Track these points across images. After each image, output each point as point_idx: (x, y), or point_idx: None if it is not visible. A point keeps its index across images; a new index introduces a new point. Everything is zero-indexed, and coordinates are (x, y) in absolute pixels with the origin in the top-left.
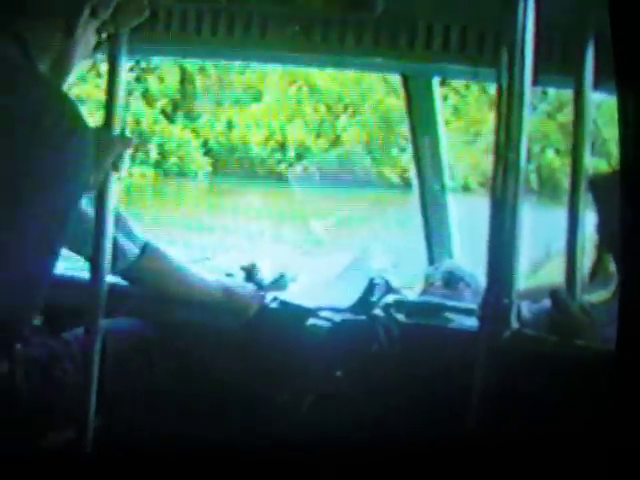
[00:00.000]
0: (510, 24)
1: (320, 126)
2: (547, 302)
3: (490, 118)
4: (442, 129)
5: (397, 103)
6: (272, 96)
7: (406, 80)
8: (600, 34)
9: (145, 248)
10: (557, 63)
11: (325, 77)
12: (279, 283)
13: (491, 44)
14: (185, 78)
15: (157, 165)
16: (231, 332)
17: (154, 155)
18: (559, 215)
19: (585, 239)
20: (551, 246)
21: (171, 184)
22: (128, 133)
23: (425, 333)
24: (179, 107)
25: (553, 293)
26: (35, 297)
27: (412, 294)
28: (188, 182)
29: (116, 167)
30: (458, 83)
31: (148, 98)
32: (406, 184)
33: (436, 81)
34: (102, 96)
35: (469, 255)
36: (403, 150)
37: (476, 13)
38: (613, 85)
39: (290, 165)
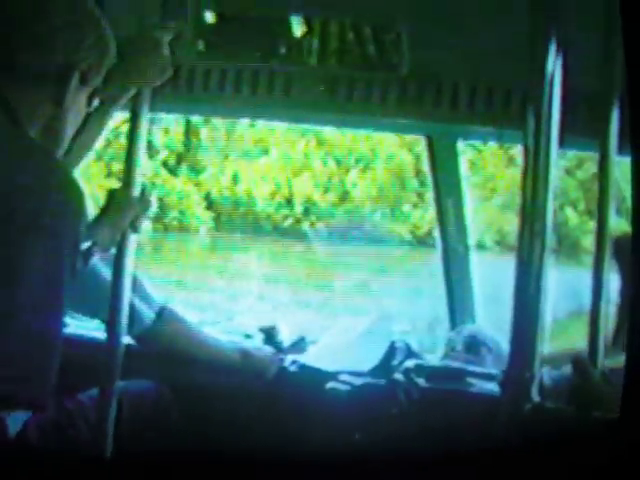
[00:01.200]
0: (537, 86)
1: (329, 181)
2: (568, 369)
3: (506, 174)
4: (466, 190)
5: (408, 158)
6: (279, 150)
7: (430, 141)
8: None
9: (162, 311)
10: (582, 125)
11: (334, 131)
12: (299, 346)
13: (517, 105)
14: (190, 130)
15: (157, 220)
16: (249, 395)
17: (154, 209)
18: (578, 275)
19: (609, 303)
20: (572, 307)
21: (171, 239)
22: (148, 194)
23: (445, 397)
24: (183, 160)
25: (575, 360)
26: (49, 362)
27: (433, 358)
28: (190, 237)
29: (134, 228)
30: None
31: (150, 150)
32: (418, 241)
33: (460, 143)
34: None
35: (492, 317)
36: (415, 206)
37: (502, 74)
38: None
39: (297, 221)
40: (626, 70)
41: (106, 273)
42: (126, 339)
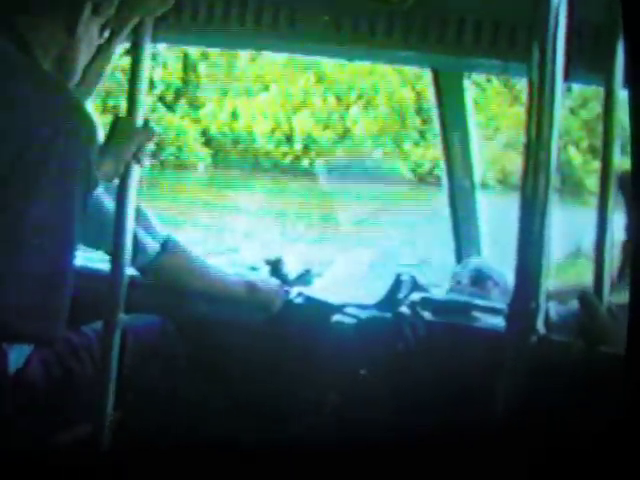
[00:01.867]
0: (542, 18)
1: (329, 117)
2: (575, 304)
3: (510, 113)
4: (472, 125)
5: (410, 95)
6: (279, 86)
7: (436, 74)
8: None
9: (166, 243)
10: (587, 59)
11: (335, 67)
12: (304, 278)
13: (523, 38)
14: (188, 65)
15: (153, 156)
16: (255, 327)
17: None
18: (581, 213)
19: (613, 240)
20: (576, 245)
21: (169, 176)
22: (151, 125)
23: (451, 332)
24: (181, 95)
25: (582, 296)
26: (62, 297)
27: (439, 292)
28: (188, 174)
29: (138, 159)
30: (479, 76)
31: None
32: (419, 179)
33: (467, 78)
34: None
35: (496, 253)
36: (416, 144)
37: (508, 7)
38: None
39: (296, 158)
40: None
41: (109, 204)
42: (130, 271)
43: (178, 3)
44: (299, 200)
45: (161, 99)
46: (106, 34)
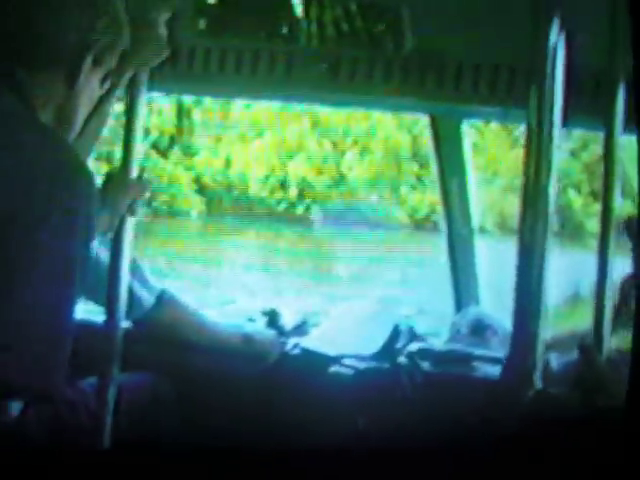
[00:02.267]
0: (540, 62)
1: (324, 163)
2: (574, 354)
3: (509, 156)
4: (471, 171)
5: (406, 140)
6: (274, 132)
7: (434, 121)
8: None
9: (161, 296)
10: (586, 103)
11: (330, 112)
12: (301, 329)
13: (522, 85)
14: (182, 112)
15: (146, 204)
16: (250, 381)
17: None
18: (581, 257)
19: (614, 286)
20: (575, 289)
21: (161, 224)
22: (146, 177)
23: (450, 382)
24: (175, 142)
25: (582, 346)
26: (63, 351)
27: (438, 342)
28: (180, 222)
29: (132, 211)
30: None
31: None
32: (416, 225)
33: (465, 123)
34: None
35: (495, 299)
36: (413, 189)
37: (507, 52)
38: None
39: (292, 205)
40: (633, 50)
41: (104, 257)
42: (125, 324)
43: (174, 52)
44: (295, 247)
45: (154, 146)
46: (106, 86)
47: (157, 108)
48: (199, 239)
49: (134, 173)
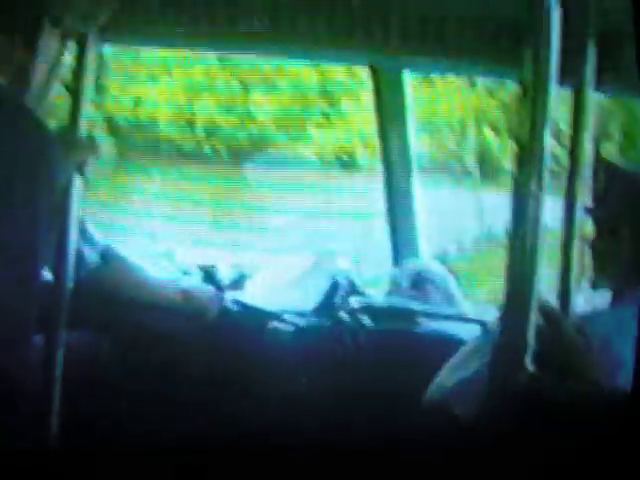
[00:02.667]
0: (537, 19)
1: (232, 100)
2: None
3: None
4: (412, 121)
5: (315, 77)
6: (182, 71)
7: (374, 72)
8: (601, 33)
9: (105, 254)
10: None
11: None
12: (239, 283)
13: (470, 37)
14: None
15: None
16: (191, 336)
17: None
18: (497, 198)
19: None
20: (489, 230)
21: None
22: (96, 135)
23: (393, 338)
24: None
25: (543, 310)
26: (29, 309)
27: (377, 295)
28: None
29: (81, 171)
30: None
31: None
32: (324, 163)
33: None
34: None
35: (435, 250)
36: (320, 127)
37: (456, 4)
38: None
39: (198, 143)
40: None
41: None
42: (72, 284)
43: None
44: (212, 189)
45: (66, 87)
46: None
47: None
48: (114, 185)
49: (82, 131)
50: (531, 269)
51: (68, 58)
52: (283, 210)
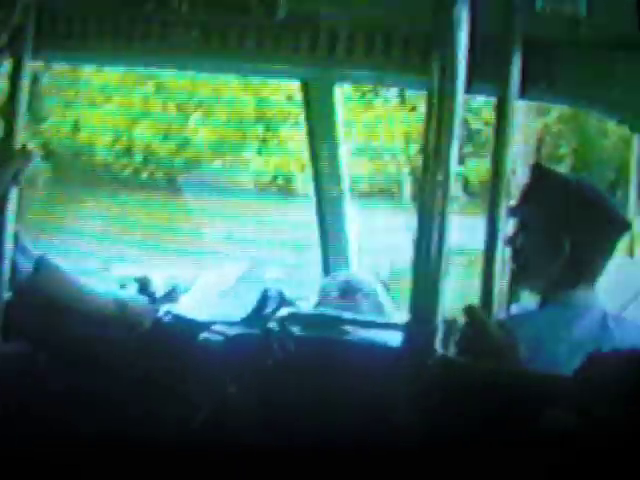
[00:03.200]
0: (442, 29)
1: (169, 127)
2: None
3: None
4: (341, 135)
5: (252, 100)
6: (120, 95)
7: (305, 85)
8: (526, 42)
9: (40, 262)
10: (482, 70)
11: (174, 75)
12: (171, 296)
13: (399, 49)
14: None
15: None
16: (125, 346)
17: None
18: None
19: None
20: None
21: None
22: (30, 145)
23: (321, 346)
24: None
25: (468, 310)
26: None
27: (307, 305)
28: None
29: (17, 181)
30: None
31: None
32: (261, 190)
33: (337, 87)
34: None
35: (367, 265)
36: (260, 152)
37: (382, 18)
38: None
39: (136, 170)
40: None
41: None
42: (7, 294)
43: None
44: (152, 215)
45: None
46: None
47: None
48: (50, 207)
49: (18, 142)
50: (439, 250)
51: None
52: (216, 235)
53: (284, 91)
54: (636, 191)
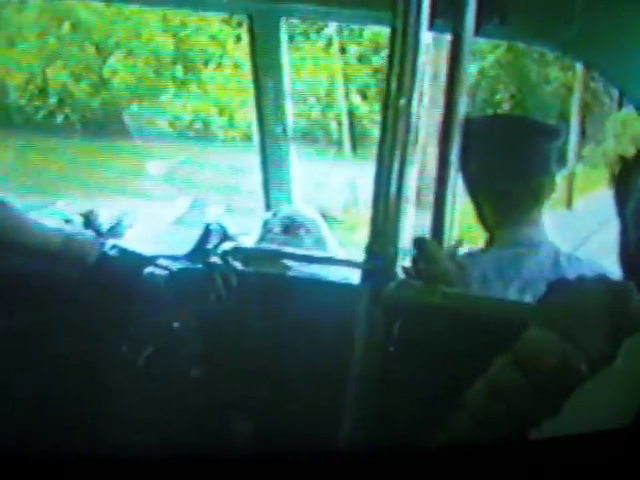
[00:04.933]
0: None
1: (86, 69)
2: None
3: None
4: (287, 72)
5: (170, 42)
6: (34, 35)
7: (251, 20)
8: None
9: None
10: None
11: (91, 12)
12: (117, 229)
13: None
14: None
15: None
16: (70, 280)
17: None
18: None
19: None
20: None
21: None
22: None
23: (263, 280)
24: None
25: (418, 242)
26: None
27: (249, 241)
28: None
29: None
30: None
31: None
32: (179, 133)
33: (283, 22)
34: None
35: (309, 201)
36: (177, 96)
37: None
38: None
39: (50, 113)
40: None
41: None
42: None
43: None
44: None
45: None
46: None
47: None
48: None
49: None
50: (399, 188)
51: None
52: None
53: (206, 31)
54: (576, 139)
